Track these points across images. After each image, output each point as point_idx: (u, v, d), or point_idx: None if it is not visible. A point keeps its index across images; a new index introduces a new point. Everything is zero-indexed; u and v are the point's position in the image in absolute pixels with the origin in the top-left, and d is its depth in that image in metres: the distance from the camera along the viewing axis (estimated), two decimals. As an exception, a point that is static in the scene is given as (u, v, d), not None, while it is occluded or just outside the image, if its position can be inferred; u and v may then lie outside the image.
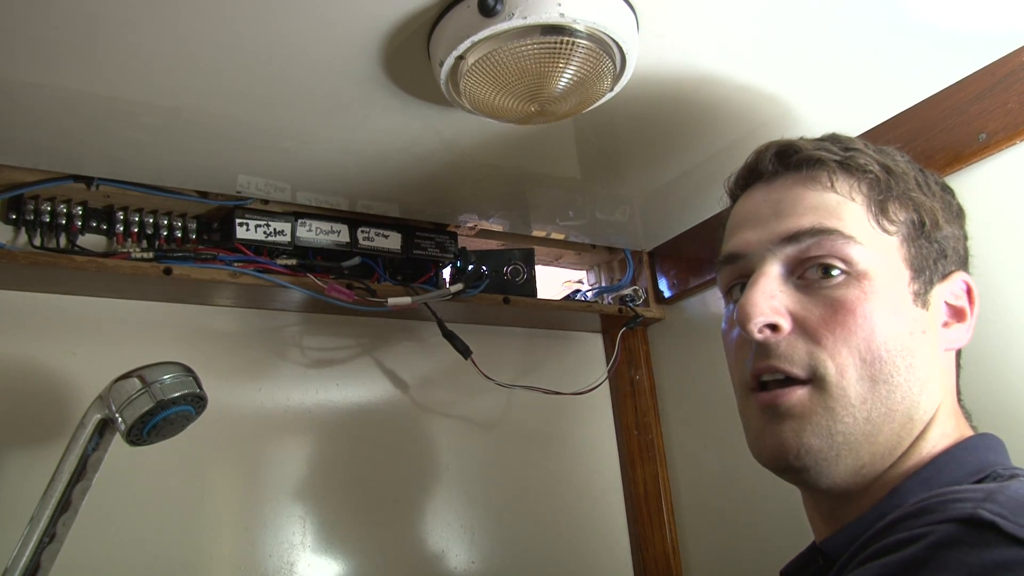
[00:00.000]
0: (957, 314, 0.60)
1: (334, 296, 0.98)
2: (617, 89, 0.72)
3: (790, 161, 0.62)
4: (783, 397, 0.56)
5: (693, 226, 1.19)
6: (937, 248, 0.60)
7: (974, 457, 0.55)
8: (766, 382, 0.58)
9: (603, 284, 1.35)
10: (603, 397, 1.32)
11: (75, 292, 0.95)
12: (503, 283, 1.15)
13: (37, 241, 0.90)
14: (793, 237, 0.58)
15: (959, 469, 0.54)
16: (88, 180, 0.91)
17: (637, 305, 1.26)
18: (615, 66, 0.67)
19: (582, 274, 1.40)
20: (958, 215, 0.64)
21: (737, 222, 0.64)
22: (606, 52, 0.65)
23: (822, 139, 0.64)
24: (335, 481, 1.05)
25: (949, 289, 0.60)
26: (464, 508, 1.14)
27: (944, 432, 0.57)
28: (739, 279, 0.62)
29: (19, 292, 0.92)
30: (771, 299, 0.57)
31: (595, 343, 1.35)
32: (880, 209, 0.59)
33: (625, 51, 0.66)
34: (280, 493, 1.02)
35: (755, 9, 0.68)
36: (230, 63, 0.69)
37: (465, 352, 1.07)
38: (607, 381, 1.30)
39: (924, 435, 0.56)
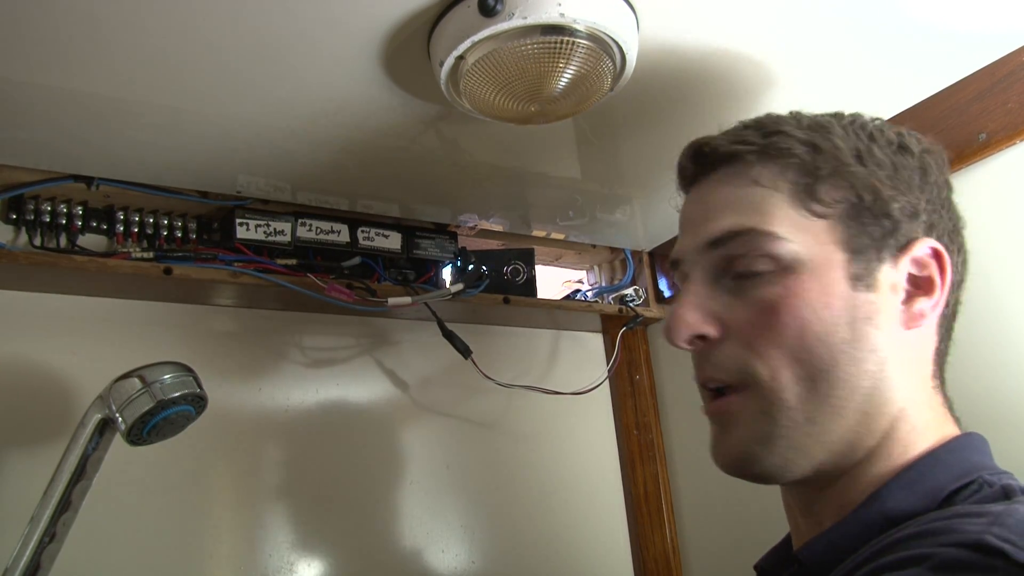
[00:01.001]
0: (923, 286, 0.55)
1: (334, 296, 0.98)
2: (617, 88, 0.72)
3: (707, 160, 0.60)
4: (722, 406, 0.56)
5: (693, 226, 1.19)
6: (887, 221, 0.54)
7: (959, 459, 0.52)
8: (712, 390, 0.58)
9: (603, 284, 1.35)
10: (603, 397, 1.32)
11: (75, 292, 0.95)
12: (503, 283, 1.15)
13: (37, 241, 0.90)
14: (715, 242, 0.56)
15: (944, 472, 0.51)
16: (88, 180, 0.91)
17: (637, 305, 1.26)
18: (615, 66, 0.67)
19: (582, 274, 1.40)
20: (923, 177, 0.57)
21: (680, 226, 0.63)
22: (606, 52, 0.65)
23: (747, 125, 0.60)
24: (335, 481, 1.05)
25: (911, 260, 0.55)
26: (464, 508, 1.14)
27: (921, 427, 0.53)
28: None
29: (19, 292, 0.92)
30: (698, 309, 0.56)
31: (595, 343, 1.35)
32: (808, 193, 0.55)
33: (625, 51, 0.66)
34: (280, 493, 1.02)
35: (755, 10, 0.68)
36: (230, 63, 0.69)
37: (465, 352, 1.07)
38: (607, 381, 1.30)
39: (897, 429, 0.53)
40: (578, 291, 1.32)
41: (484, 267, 1.13)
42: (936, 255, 0.55)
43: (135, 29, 0.63)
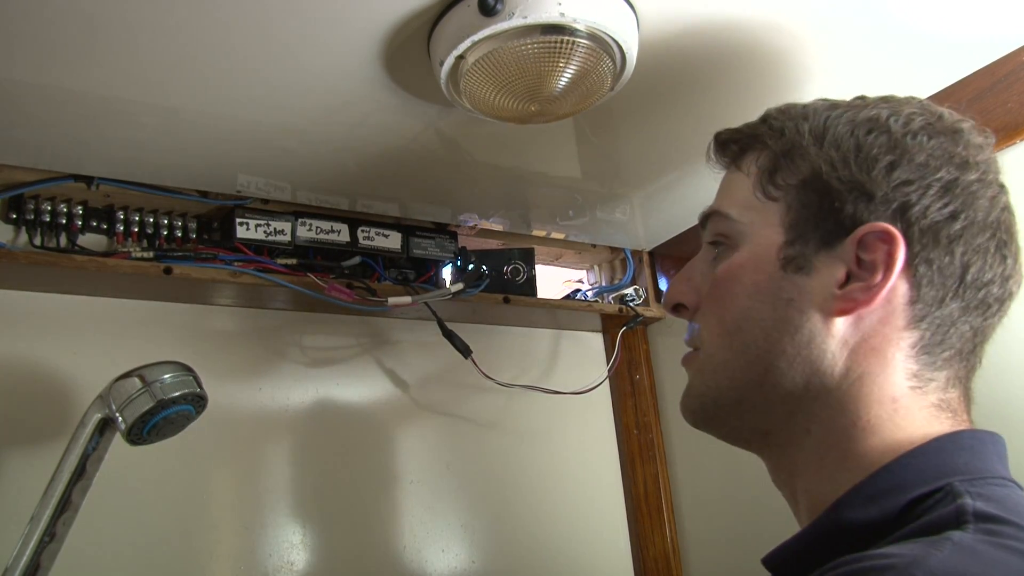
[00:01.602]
0: (866, 269, 0.51)
1: (334, 296, 0.98)
2: (617, 88, 0.72)
3: (712, 151, 0.64)
4: (683, 361, 0.62)
5: (693, 226, 1.18)
6: (834, 203, 0.52)
7: (930, 463, 0.48)
8: None
9: (603, 284, 1.35)
10: (603, 397, 1.32)
11: (75, 292, 0.95)
12: (503, 283, 1.15)
13: (37, 241, 0.90)
14: (702, 222, 0.63)
15: (909, 478, 0.47)
16: (88, 180, 0.91)
17: (637, 305, 1.26)
18: (615, 65, 0.67)
19: (582, 273, 1.40)
20: (901, 158, 0.52)
21: None
22: (606, 51, 0.65)
23: (761, 118, 0.61)
24: (335, 480, 1.05)
25: (854, 242, 0.51)
26: (464, 508, 1.14)
27: (892, 427, 0.50)
28: None
29: (19, 292, 0.92)
30: (685, 282, 0.62)
31: (595, 343, 1.35)
32: (768, 177, 0.57)
33: (625, 50, 0.66)
34: (280, 492, 1.02)
35: (756, 10, 0.68)
36: (230, 63, 0.69)
37: (465, 352, 1.07)
38: (607, 381, 1.30)
39: (846, 424, 0.51)
40: (578, 291, 1.32)
41: (484, 267, 1.13)
42: (886, 238, 0.50)
43: (135, 29, 0.63)
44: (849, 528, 0.47)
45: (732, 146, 0.62)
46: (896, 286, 0.51)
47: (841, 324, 0.52)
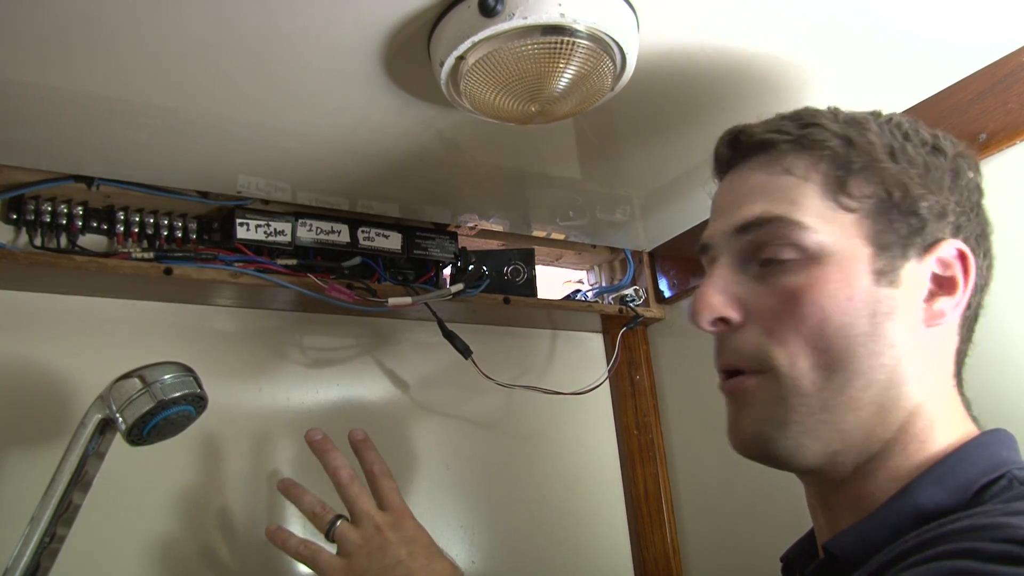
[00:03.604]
0: (946, 286, 0.55)
1: (334, 296, 0.98)
2: (617, 89, 0.72)
3: (742, 147, 0.61)
4: (738, 384, 0.57)
5: (693, 226, 1.19)
6: (915, 219, 0.55)
7: (987, 454, 0.52)
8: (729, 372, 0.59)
9: (603, 284, 1.35)
10: (603, 397, 1.32)
11: (75, 292, 0.95)
12: (503, 283, 1.15)
13: (38, 241, 0.90)
14: (744, 227, 0.57)
15: (973, 467, 0.51)
16: (88, 180, 0.91)
17: (637, 305, 1.27)
18: (615, 66, 0.67)
19: (582, 274, 1.40)
20: (955, 179, 0.58)
21: (711, 212, 0.64)
22: (606, 52, 0.65)
23: (785, 116, 0.61)
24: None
25: (936, 259, 0.55)
26: (464, 508, 1.14)
27: (941, 423, 0.54)
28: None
29: (19, 292, 0.92)
30: (722, 293, 0.57)
31: (595, 343, 1.35)
32: (839, 186, 0.56)
33: (625, 51, 0.66)
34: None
35: (756, 10, 0.68)
36: (230, 63, 0.69)
37: (465, 352, 1.07)
38: (607, 381, 1.30)
39: (913, 424, 0.53)
40: (578, 291, 1.32)
41: (484, 267, 1.13)
42: (961, 256, 0.55)
43: (135, 29, 0.63)
44: (926, 511, 0.49)
45: (782, 144, 0.58)
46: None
47: (929, 334, 0.55)
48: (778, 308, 0.55)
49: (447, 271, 1.16)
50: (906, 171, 0.56)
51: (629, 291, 1.27)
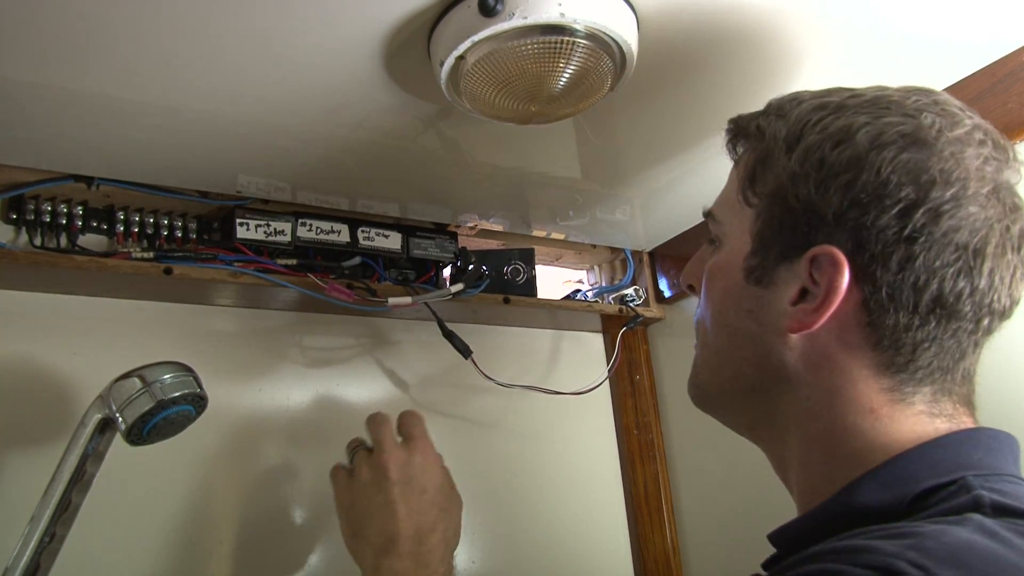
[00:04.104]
0: (816, 291, 0.51)
1: (334, 296, 0.98)
2: (617, 88, 0.72)
3: (726, 138, 0.64)
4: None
5: (693, 226, 1.19)
6: (793, 219, 0.52)
7: (943, 455, 0.48)
8: None
9: (603, 284, 1.35)
10: (603, 397, 1.32)
11: (75, 292, 0.95)
12: (503, 283, 1.15)
13: (38, 241, 0.90)
14: (705, 215, 0.64)
15: (922, 468, 0.48)
16: (88, 180, 0.91)
17: (637, 305, 1.27)
18: (615, 65, 0.67)
19: (582, 274, 1.40)
20: (860, 177, 0.50)
21: None
22: (606, 52, 0.65)
23: (761, 110, 0.60)
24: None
25: (807, 262, 0.52)
26: (464, 508, 1.13)
27: (876, 433, 0.50)
28: None
29: (19, 292, 0.92)
30: (694, 263, 0.64)
31: (595, 343, 1.35)
32: (750, 180, 0.57)
33: (625, 50, 0.66)
34: (280, 492, 1.02)
35: (755, 10, 0.68)
36: (231, 63, 0.69)
37: (465, 352, 1.07)
38: (607, 381, 1.30)
39: (839, 436, 0.51)
40: (578, 291, 1.32)
41: (484, 267, 1.13)
42: (833, 262, 0.50)
43: (135, 29, 0.63)
44: (859, 511, 0.48)
45: (730, 140, 0.63)
46: (845, 309, 0.51)
47: (796, 340, 0.53)
48: (704, 284, 0.62)
49: (447, 271, 1.15)
50: (792, 167, 0.53)
51: (629, 291, 1.27)
